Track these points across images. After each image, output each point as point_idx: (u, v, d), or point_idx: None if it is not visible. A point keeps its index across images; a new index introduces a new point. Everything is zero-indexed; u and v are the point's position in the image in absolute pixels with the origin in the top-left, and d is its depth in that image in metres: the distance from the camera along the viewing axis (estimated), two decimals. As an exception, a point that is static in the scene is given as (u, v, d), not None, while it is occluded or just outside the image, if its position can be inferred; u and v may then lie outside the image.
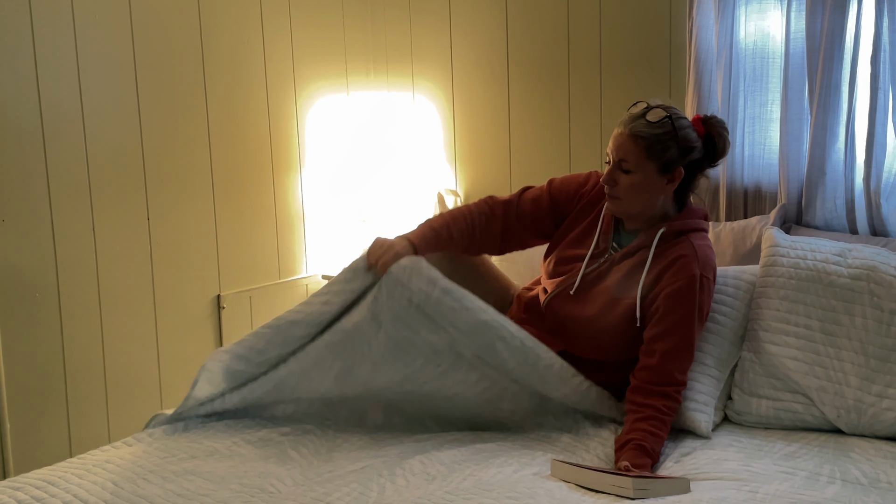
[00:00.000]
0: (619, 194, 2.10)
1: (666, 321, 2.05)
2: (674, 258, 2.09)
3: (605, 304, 2.13)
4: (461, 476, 1.79)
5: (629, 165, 2.08)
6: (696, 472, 1.87)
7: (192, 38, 3.00)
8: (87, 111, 2.76)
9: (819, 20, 2.43)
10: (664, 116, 2.08)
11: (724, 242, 2.53)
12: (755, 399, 2.11)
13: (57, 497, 1.69)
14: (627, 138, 2.07)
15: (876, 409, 2.00)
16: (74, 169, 2.75)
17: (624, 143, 2.08)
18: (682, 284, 2.05)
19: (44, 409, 2.72)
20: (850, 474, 1.81)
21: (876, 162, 2.40)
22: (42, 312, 2.70)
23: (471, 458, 1.89)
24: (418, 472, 1.81)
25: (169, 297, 3.00)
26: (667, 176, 2.10)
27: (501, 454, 1.92)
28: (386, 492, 1.73)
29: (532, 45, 3.08)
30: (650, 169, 2.08)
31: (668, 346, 2.03)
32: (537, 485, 1.73)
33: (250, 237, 3.23)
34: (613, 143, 2.11)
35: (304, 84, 3.36)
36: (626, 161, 2.08)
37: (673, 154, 2.09)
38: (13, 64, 2.59)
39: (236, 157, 3.16)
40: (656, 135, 2.07)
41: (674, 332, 2.04)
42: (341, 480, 1.78)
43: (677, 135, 2.08)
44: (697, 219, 2.17)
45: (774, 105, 2.59)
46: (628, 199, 2.11)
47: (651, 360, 2.04)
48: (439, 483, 1.76)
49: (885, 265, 2.11)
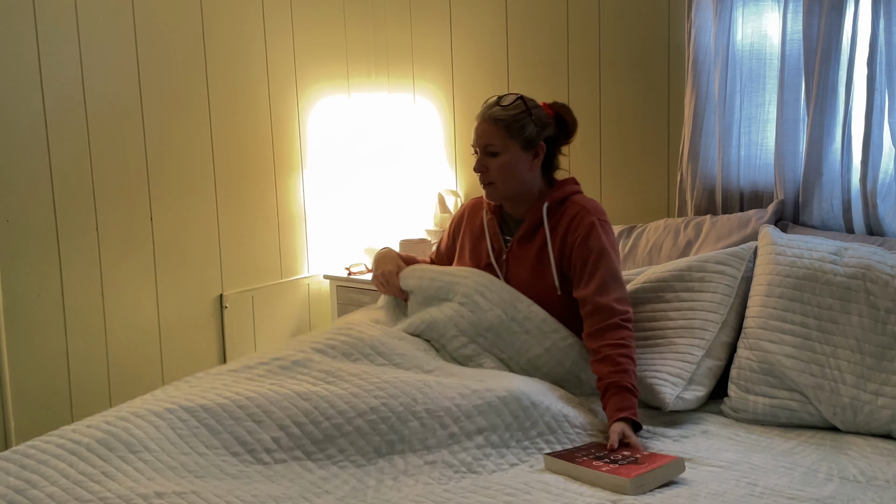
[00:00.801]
0: (493, 178, 2.26)
1: (586, 267, 2.20)
2: (569, 220, 2.25)
3: (527, 286, 2.25)
4: (459, 474, 1.79)
5: (495, 148, 2.25)
6: (695, 455, 1.88)
7: (194, 41, 3.01)
8: (90, 113, 2.77)
9: (816, 22, 2.43)
10: (516, 98, 2.28)
11: (719, 230, 2.54)
12: (752, 396, 2.12)
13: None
14: (489, 124, 2.26)
15: (871, 406, 2.00)
16: (78, 170, 2.75)
17: (486, 129, 2.26)
18: (585, 231, 2.22)
19: (48, 408, 2.73)
20: (847, 472, 1.81)
21: (872, 162, 2.40)
22: (46, 311, 2.71)
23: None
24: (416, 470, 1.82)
25: (172, 296, 3.01)
26: (531, 151, 2.27)
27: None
28: (384, 487, 1.73)
29: (532, 46, 3.08)
30: (515, 147, 2.25)
31: (596, 286, 2.16)
32: (534, 479, 1.74)
33: (252, 237, 3.24)
34: (476, 134, 2.29)
35: (305, 85, 3.36)
36: (491, 145, 2.25)
37: (532, 131, 2.26)
38: (17, 66, 2.60)
39: (238, 157, 3.17)
40: (513, 115, 2.25)
41: (595, 272, 2.18)
42: (337, 468, 1.77)
43: (531, 113, 2.27)
44: (570, 185, 2.34)
45: (771, 106, 2.59)
46: (502, 179, 2.26)
47: (587, 307, 2.17)
48: (438, 480, 1.76)
49: (881, 264, 2.11)
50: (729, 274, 2.29)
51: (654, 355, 2.25)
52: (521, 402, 1.92)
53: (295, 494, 1.62)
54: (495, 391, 1.93)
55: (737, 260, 2.31)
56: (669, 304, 2.30)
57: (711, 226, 2.56)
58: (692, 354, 2.19)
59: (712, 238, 2.52)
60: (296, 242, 3.39)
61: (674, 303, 2.31)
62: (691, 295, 2.30)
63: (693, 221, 2.61)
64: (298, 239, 3.40)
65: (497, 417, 1.88)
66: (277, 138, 3.29)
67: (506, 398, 1.91)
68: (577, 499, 1.68)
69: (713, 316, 2.24)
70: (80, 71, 2.73)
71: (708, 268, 2.32)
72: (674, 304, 2.30)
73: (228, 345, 3.19)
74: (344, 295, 3.30)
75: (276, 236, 3.32)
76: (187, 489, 1.54)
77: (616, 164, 2.94)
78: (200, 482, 1.59)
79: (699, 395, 2.16)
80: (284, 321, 3.37)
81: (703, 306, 2.27)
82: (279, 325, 3.35)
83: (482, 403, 1.89)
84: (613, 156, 2.93)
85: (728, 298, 2.26)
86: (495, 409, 1.89)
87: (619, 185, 2.95)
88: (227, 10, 3.10)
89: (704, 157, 2.67)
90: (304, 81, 3.36)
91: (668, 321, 2.29)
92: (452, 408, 1.87)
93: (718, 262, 2.32)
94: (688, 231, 2.59)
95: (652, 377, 2.17)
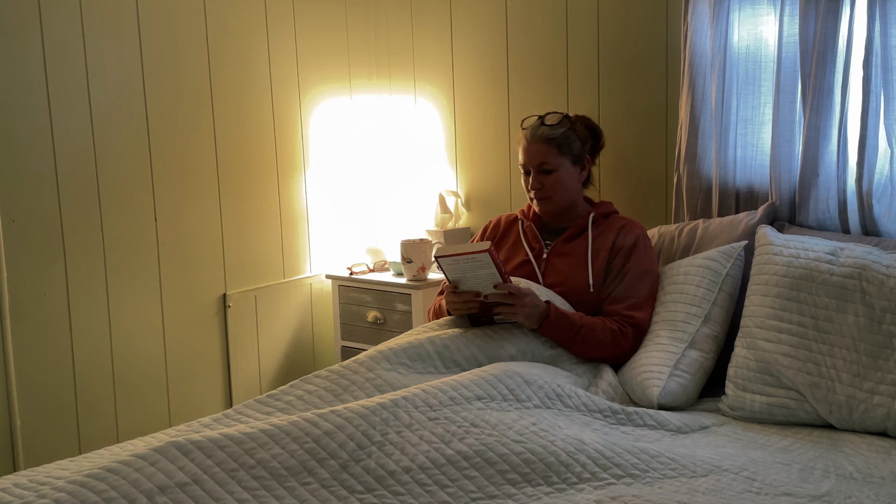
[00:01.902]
0: (548, 193, 2.43)
1: (622, 270, 2.36)
2: (618, 228, 2.43)
3: (564, 279, 2.41)
4: (462, 429, 1.79)
5: (549, 165, 2.43)
6: (694, 451, 1.88)
7: (198, 43, 3.02)
8: (95, 114, 2.77)
9: (812, 25, 2.43)
10: (561, 117, 2.46)
11: (711, 234, 2.56)
12: (749, 395, 2.13)
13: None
14: (540, 144, 2.43)
15: (867, 405, 2.01)
16: (83, 171, 2.76)
17: (539, 149, 2.43)
18: (633, 239, 2.40)
19: (53, 407, 2.74)
20: (843, 469, 1.82)
21: (868, 163, 2.39)
22: (51, 311, 2.72)
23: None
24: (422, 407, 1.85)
25: (176, 295, 3.02)
26: (579, 165, 2.48)
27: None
28: (389, 432, 1.74)
29: (531, 49, 3.08)
30: (566, 163, 2.45)
31: (635, 298, 2.33)
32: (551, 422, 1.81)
33: (256, 237, 3.25)
34: (528, 154, 2.45)
35: (308, 88, 3.37)
36: (546, 163, 2.43)
37: (577, 146, 2.47)
38: (23, 69, 2.61)
39: (242, 158, 3.17)
40: (561, 133, 2.44)
41: (638, 283, 2.35)
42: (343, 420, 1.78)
43: (575, 129, 2.47)
44: (611, 205, 2.54)
45: (766, 108, 2.57)
46: (557, 193, 2.44)
47: (616, 306, 2.33)
48: (441, 437, 1.77)
49: (877, 264, 2.11)
50: (713, 269, 2.34)
51: (641, 350, 2.31)
52: (515, 379, 1.96)
53: (296, 464, 1.63)
54: (489, 370, 2.00)
55: (723, 256, 2.36)
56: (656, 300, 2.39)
57: (704, 231, 2.57)
58: (675, 345, 2.24)
59: (705, 242, 2.53)
60: (298, 243, 3.40)
61: (659, 298, 2.39)
62: (675, 287, 2.37)
63: (687, 227, 2.61)
64: (301, 239, 3.41)
65: (493, 389, 1.93)
66: (280, 140, 3.30)
67: (499, 375, 1.96)
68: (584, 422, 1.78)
69: (695, 309, 2.30)
70: (84, 73, 2.74)
71: (695, 262, 2.38)
72: (659, 300, 2.38)
73: (232, 343, 3.19)
74: (345, 294, 3.31)
75: (278, 236, 3.32)
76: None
77: (615, 166, 2.95)
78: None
79: (683, 383, 2.19)
80: (287, 320, 3.38)
81: (686, 300, 2.32)
82: (282, 324, 3.36)
83: (478, 377, 1.95)
84: (612, 158, 2.93)
85: (710, 293, 2.31)
86: (490, 383, 1.94)
87: (617, 187, 2.96)
88: (231, 14, 3.11)
89: (701, 159, 2.67)
90: (306, 84, 3.36)
91: (654, 315, 2.36)
92: (450, 380, 1.92)
93: (705, 257, 2.38)
94: (682, 238, 2.59)
95: (639, 373, 2.21)
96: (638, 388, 2.19)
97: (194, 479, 1.54)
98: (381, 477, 1.63)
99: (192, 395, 3.10)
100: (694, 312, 2.29)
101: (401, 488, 1.62)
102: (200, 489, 1.53)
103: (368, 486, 1.62)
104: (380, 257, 3.38)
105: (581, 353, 2.27)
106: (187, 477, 1.54)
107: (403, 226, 3.41)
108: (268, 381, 3.33)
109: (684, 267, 2.39)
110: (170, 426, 2.95)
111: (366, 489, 1.62)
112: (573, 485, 1.68)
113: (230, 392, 3.20)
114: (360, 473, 1.63)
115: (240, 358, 3.22)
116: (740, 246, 2.39)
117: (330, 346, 3.49)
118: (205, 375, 3.14)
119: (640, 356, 2.27)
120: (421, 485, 1.63)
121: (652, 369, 2.20)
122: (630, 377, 2.24)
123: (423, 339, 2.16)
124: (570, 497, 1.64)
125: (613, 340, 2.27)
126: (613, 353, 2.29)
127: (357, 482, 1.62)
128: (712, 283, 2.32)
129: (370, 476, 1.63)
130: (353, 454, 1.66)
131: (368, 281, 3.25)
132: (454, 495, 1.62)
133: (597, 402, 2.02)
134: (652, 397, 2.15)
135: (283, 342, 3.38)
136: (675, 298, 2.35)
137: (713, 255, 2.38)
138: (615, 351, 2.28)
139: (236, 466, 1.58)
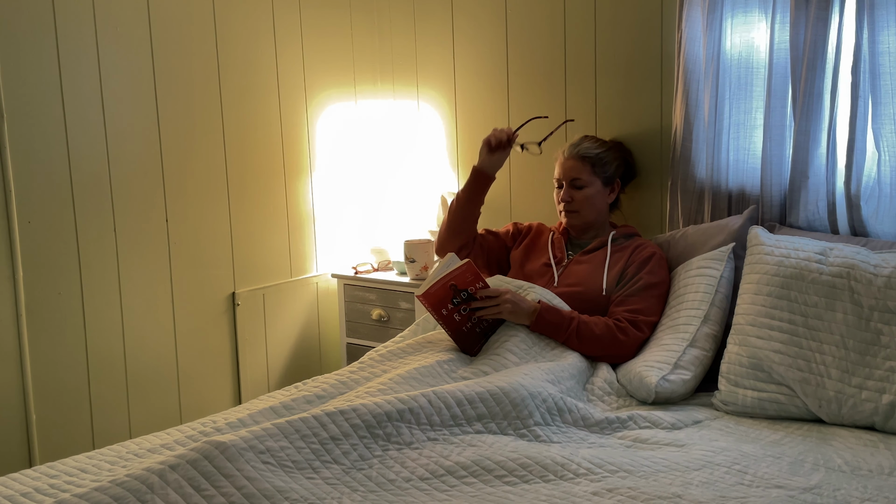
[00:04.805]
0: (577, 207, 2.56)
1: (634, 279, 2.43)
2: (634, 246, 2.52)
3: (579, 282, 2.49)
4: (459, 448, 1.86)
5: (581, 182, 2.56)
6: (687, 444, 1.92)
7: (208, 50, 3.03)
8: (108, 119, 2.78)
9: (802, 32, 2.43)
10: (601, 141, 2.63)
11: (694, 239, 2.58)
12: (741, 390, 2.16)
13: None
14: (576, 160, 2.57)
15: (855, 399, 2.04)
16: (97, 174, 2.77)
17: (574, 164, 2.57)
18: (649, 254, 2.48)
19: (68, 402, 2.75)
20: (832, 462, 1.84)
21: (856, 166, 2.40)
22: (66, 309, 2.73)
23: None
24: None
25: (186, 294, 3.02)
26: (609, 188, 2.61)
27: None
28: (390, 448, 1.81)
29: (530, 56, 3.08)
30: (598, 182, 2.58)
31: (639, 304, 2.39)
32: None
33: (263, 238, 3.25)
34: (563, 168, 2.58)
35: (314, 93, 3.37)
36: (578, 179, 2.56)
37: (611, 170, 2.60)
38: (39, 75, 2.62)
39: (250, 162, 3.18)
40: (597, 154, 2.58)
41: (645, 292, 2.41)
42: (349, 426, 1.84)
43: (611, 153, 2.61)
44: (633, 228, 2.63)
45: (758, 112, 2.58)
46: (584, 209, 2.57)
47: (621, 308, 2.39)
48: (440, 454, 1.85)
49: (865, 263, 2.13)
50: (709, 275, 2.38)
51: (643, 352, 2.33)
52: (519, 392, 1.97)
53: (302, 460, 1.70)
54: (495, 382, 2.00)
55: (716, 262, 2.40)
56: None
57: (692, 236, 2.58)
58: (677, 345, 2.26)
59: (696, 246, 2.55)
60: (305, 243, 3.40)
61: (664, 309, 2.44)
62: (677, 299, 2.39)
63: (679, 234, 2.62)
64: (307, 239, 3.41)
65: (496, 406, 1.94)
66: (287, 143, 3.30)
67: (504, 389, 1.97)
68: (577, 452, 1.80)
69: (695, 312, 2.32)
70: (98, 79, 2.75)
71: (691, 273, 2.41)
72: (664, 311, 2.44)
73: (240, 340, 3.20)
74: (351, 293, 3.32)
75: (285, 237, 3.32)
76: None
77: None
78: None
79: (685, 378, 2.20)
80: (294, 318, 3.38)
81: (687, 305, 2.35)
82: (289, 322, 3.36)
83: (483, 391, 1.96)
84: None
85: (708, 296, 2.34)
86: (494, 397, 1.95)
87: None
88: (240, 22, 3.11)
89: (694, 162, 2.66)
90: (312, 89, 3.36)
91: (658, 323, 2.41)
92: (456, 391, 1.94)
93: (699, 266, 2.41)
94: (675, 245, 2.60)
95: (639, 367, 2.22)
96: (636, 379, 2.19)
97: (205, 455, 1.61)
98: (383, 483, 1.70)
99: (203, 391, 3.11)
100: (694, 314, 2.31)
101: (402, 492, 1.68)
102: (211, 465, 1.60)
103: (370, 488, 1.69)
104: (384, 257, 3.39)
105: (579, 347, 2.30)
106: (197, 453, 1.62)
107: (407, 226, 3.40)
108: (276, 376, 3.33)
109: (681, 277, 2.43)
110: (181, 421, 2.98)
111: (368, 490, 1.69)
112: (569, 480, 1.71)
113: (239, 387, 3.21)
114: (362, 480, 1.70)
115: (248, 354, 3.22)
116: (728, 248, 2.42)
117: (335, 343, 3.50)
118: (214, 372, 3.15)
119: (643, 354, 2.30)
120: (421, 490, 1.69)
121: (653, 364, 2.21)
122: (629, 370, 2.25)
123: (433, 361, 2.19)
124: (567, 489, 1.67)
125: (609, 333, 2.30)
126: (612, 348, 2.31)
127: (359, 485, 1.69)
128: (709, 287, 2.35)
129: (373, 483, 1.70)
130: (355, 464, 1.73)
131: (373, 280, 3.26)
132: (454, 496, 1.68)
133: (595, 415, 2.03)
134: (650, 385, 2.14)
135: (291, 339, 3.38)
136: (675, 305, 2.38)
137: (705, 262, 2.41)
138: (613, 345, 2.31)
139: (246, 447, 1.65)
